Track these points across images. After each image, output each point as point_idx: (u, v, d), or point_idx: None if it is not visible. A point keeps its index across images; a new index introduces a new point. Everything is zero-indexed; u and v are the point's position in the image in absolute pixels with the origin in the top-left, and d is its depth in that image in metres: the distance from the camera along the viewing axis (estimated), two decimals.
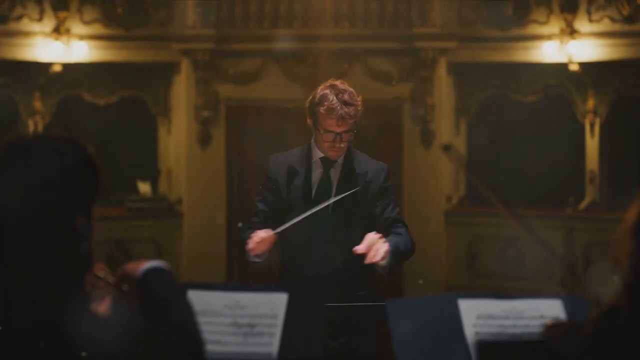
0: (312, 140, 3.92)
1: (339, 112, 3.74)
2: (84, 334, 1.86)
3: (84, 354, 1.83)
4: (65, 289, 1.89)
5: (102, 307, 2.01)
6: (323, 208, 3.74)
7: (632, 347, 1.62)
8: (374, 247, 3.62)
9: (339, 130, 3.77)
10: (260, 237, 3.69)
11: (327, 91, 3.79)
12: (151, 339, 1.93)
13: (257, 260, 3.75)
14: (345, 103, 3.75)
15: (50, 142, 1.98)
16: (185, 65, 9.23)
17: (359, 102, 3.81)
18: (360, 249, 3.60)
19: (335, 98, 3.76)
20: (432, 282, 9.05)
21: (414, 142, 9.21)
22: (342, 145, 3.80)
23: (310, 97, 3.85)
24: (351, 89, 3.83)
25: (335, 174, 3.89)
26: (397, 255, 3.75)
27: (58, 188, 1.91)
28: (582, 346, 1.63)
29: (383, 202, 3.90)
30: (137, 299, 2.04)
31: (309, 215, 3.68)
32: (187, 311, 2.02)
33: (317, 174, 3.90)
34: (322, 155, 3.88)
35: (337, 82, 3.85)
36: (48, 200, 1.90)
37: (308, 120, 3.87)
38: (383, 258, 3.63)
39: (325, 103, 3.76)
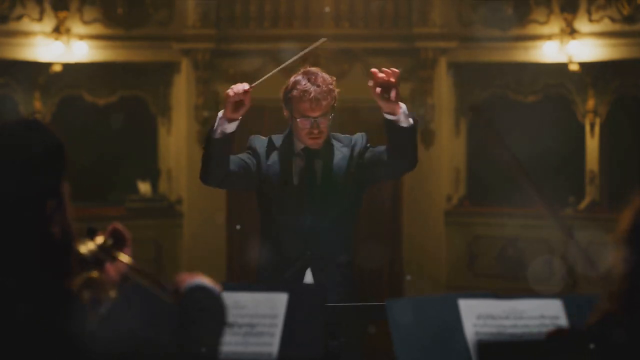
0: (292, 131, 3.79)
1: (312, 94, 3.65)
2: (67, 327, 1.84)
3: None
4: (44, 278, 1.85)
5: (117, 269, 1.98)
6: (312, 177, 3.70)
7: (627, 355, 1.61)
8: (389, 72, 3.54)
9: (314, 114, 3.66)
10: (237, 88, 3.57)
11: (300, 77, 3.71)
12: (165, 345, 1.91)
13: (228, 127, 3.60)
14: (318, 85, 3.67)
15: (11, 127, 1.95)
16: (185, 65, 9.23)
17: (333, 85, 3.72)
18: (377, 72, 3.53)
19: (307, 81, 3.68)
20: (432, 282, 9.05)
21: None
22: (321, 131, 3.67)
23: (284, 86, 3.77)
24: (324, 73, 3.74)
25: (318, 164, 3.76)
26: (415, 125, 3.59)
27: (20, 173, 1.88)
28: (579, 352, 1.63)
29: (371, 151, 3.74)
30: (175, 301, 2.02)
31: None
32: (214, 343, 2.00)
33: (299, 162, 3.76)
34: (303, 146, 3.75)
35: (310, 68, 3.77)
36: (11, 186, 1.87)
37: (284, 112, 3.76)
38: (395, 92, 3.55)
39: (298, 87, 3.68)
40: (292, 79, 3.75)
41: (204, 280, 2.08)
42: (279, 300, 2.74)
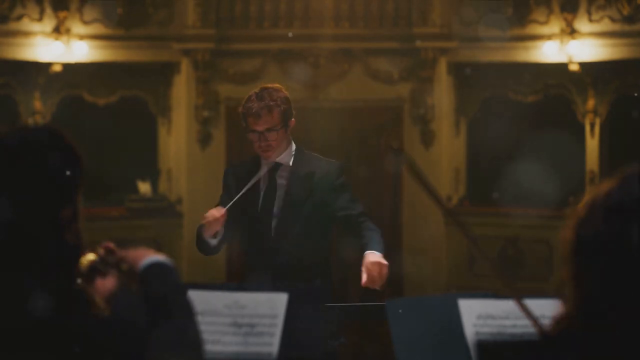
0: None
1: (254, 108, 3.76)
2: (74, 329, 1.85)
3: (77, 349, 1.82)
4: (55, 284, 1.87)
5: (106, 286, 1.98)
6: (269, 208, 3.82)
7: None
8: (380, 273, 3.64)
9: (259, 128, 3.77)
10: (212, 214, 3.71)
11: (252, 93, 3.85)
12: (148, 336, 1.91)
13: (212, 241, 3.75)
14: (261, 99, 3.78)
15: (28, 134, 1.96)
16: (185, 65, 9.23)
17: (278, 99, 3.80)
18: (365, 281, 3.62)
19: (254, 96, 3.80)
20: (432, 282, 9.05)
21: (414, 142, 9.20)
22: (268, 144, 3.78)
23: None
24: (277, 90, 3.84)
25: (282, 178, 3.87)
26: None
27: (40, 181, 1.89)
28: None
29: (341, 199, 3.86)
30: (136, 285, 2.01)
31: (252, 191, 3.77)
32: (186, 311, 1.99)
33: (264, 179, 3.87)
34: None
35: (268, 85, 3.90)
36: (31, 194, 1.88)
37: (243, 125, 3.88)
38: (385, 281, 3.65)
39: (246, 103, 3.82)
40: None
41: (154, 254, 2.06)
42: (279, 300, 2.74)
